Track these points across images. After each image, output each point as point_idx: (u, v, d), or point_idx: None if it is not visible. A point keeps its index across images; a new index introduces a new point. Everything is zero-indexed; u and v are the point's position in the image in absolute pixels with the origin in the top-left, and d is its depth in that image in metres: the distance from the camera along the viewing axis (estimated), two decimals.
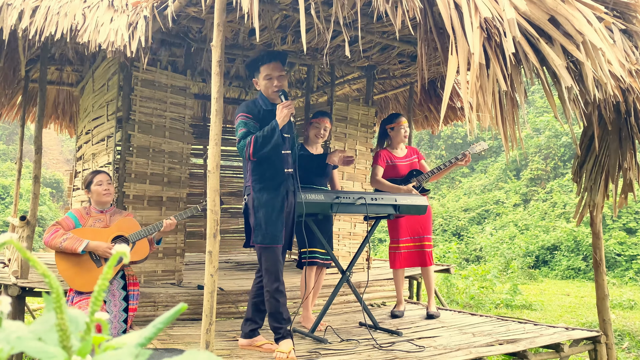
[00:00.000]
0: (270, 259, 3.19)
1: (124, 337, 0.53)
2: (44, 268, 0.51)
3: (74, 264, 3.08)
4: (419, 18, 2.58)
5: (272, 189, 3.20)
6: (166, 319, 0.54)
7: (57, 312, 0.50)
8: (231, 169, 7.87)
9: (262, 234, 3.17)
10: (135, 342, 0.52)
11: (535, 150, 17.41)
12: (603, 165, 3.85)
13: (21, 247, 0.51)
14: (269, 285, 3.18)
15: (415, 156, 4.56)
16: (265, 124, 3.15)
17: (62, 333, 0.50)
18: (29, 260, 0.51)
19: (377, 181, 4.40)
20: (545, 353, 3.80)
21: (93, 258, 3.11)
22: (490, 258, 12.82)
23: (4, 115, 6.63)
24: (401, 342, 3.53)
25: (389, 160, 4.48)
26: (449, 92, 2.33)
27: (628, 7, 2.89)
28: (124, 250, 0.53)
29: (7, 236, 0.51)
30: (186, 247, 5.07)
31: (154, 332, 0.53)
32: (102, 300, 0.54)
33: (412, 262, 4.43)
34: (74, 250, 3.00)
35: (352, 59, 5.19)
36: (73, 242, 3.01)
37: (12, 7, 3.65)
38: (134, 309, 3.24)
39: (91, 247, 3.04)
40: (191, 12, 3.79)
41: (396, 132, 4.48)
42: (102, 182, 3.27)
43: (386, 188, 4.29)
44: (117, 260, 0.53)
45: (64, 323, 0.50)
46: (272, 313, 3.19)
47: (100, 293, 0.53)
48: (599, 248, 4.21)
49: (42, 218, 15.75)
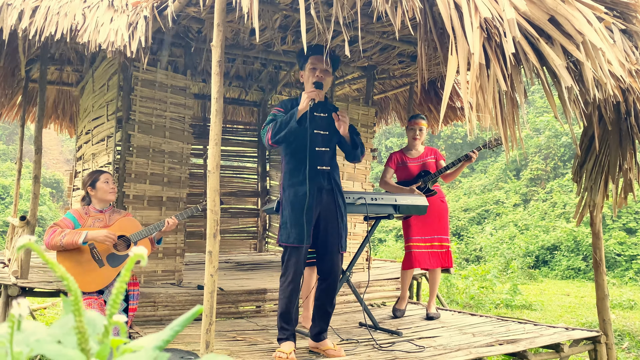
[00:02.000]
0: (292, 258, 3.13)
1: (142, 340, 0.53)
2: (62, 270, 0.51)
3: (76, 264, 3.08)
4: (418, 18, 2.58)
5: (299, 185, 3.12)
6: (183, 322, 0.54)
7: (75, 315, 0.50)
8: (231, 169, 7.87)
9: (286, 232, 3.13)
10: (153, 344, 0.52)
11: (535, 150, 17.40)
12: (603, 165, 3.85)
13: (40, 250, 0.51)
14: (287, 285, 3.13)
15: (432, 156, 4.53)
16: None
17: (81, 336, 0.50)
18: (48, 263, 0.51)
19: (383, 182, 4.51)
20: (545, 353, 3.80)
21: (95, 258, 3.11)
22: (490, 258, 12.82)
23: (4, 115, 6.63)
24: (401, 342, 3.53)
25: (400, 162, 4.52)
26: (448, 92, 2.33)
27: (628, 7, 2.89)
28: (142, 253, 0.53)
29: (26, 239, 0.51)
30: (186, 247, 5.07)
31: (171, 335, 0.53)
32: (119, 302, 0.53)
33: (427, 263, 4.38)
34: (75, 244, 3.00)
35: (352, 59, 5.20)
36: (72, 236, 3.01)
37: (12, 7, 3.65)
38: (133, 309, 3.24)
39: (90, 236, 3.04)
40: (191, 12, 3.79)
41: (408, 132, 4.58)
42: (109, 180, 3.30)
43: (391, 189, 4.38)
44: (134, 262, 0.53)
45: (83, 326, 0.50)
46: (282, 313, 3.16)
47: (118, 296, 0.53)
48: (599, 248, 4.21)
49: (42, 218, 15.75)
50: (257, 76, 6.92)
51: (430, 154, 4.55)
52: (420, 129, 4.52)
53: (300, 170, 3.14)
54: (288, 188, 3.18)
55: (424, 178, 4.41)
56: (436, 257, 4.37)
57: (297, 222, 3.11)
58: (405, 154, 4.56)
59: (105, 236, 3.05)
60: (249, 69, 6.72)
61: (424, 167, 4.47)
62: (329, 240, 3.22)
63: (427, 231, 4.37)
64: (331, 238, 3.22)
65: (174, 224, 3.26)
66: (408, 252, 4.41)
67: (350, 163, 5.51)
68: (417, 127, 4.50)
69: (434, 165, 4.48)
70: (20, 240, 0.51)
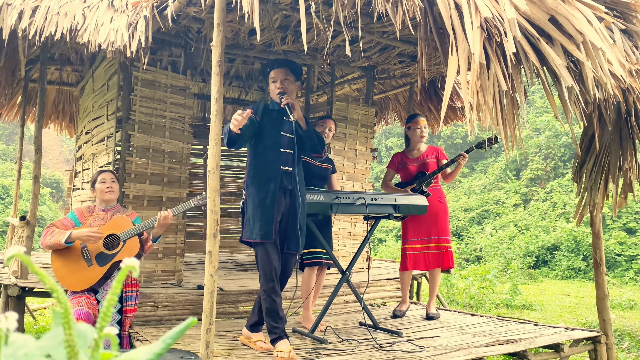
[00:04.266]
0: (260, 255, 3.21)
1: (133, 353, 0.52)
2: (52, 282, 0.50)
3: (67, 262, 3.09)
4: (419, 18, 2.58)
5: (262, 183, 3.24)
6: (176, 334, 0.53)
7: (65, 328, 0.49)
8: (231, 169, 7.87)
9: (250, 228, 3.22)
10: (144, 357, 0.51)
11: (535, 150, 17.40)
12: (603, 165, 3.85)
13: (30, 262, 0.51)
14: (265, 284, 3.20)
15: (434, 156, 4.49)
16: (265, 120, 3.33)
17: (70, 350, 0.49)
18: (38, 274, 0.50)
19: (383, 184, 4.59)
20: (545, 353, 3.80)
21: (84, 257, 3.11)
22: (490, 258, 12.82)
23: (4, 115, 6.63)
24: (401, 342, 3.53)
25: (400, 162, 4.53)
26: (449, 92, 2.33)
27: (628, 7, 2.89)
28: (134, 264, 0.52)
29: (15, 249, 0.50)
30: (186, 247, 5.07)
31: (163, 348, 0.52)
32: (110, 316, 0.53)
33: (423, 265, 4.37)
34: (59, 244, 3.00)
35: (352, 59, 5.19)
36: (58, 236, 3.02)
37: (12, 7, 3.64)
38: (133, 309, 3.24)
39: (74, 236, 3.03)
40: (191, 12, 3.79)
41: (412, 133, 4.51)
42: (106, 180, 3.28)
43: (388, 191, 4.44)
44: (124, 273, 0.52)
45: (72, 339, 0.49)
46: (268, 312, 3.21)
47: (109, 309, 0.52)
48: (599, 248, 4.21)
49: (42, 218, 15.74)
50: (257, 76, 6.92)
51: (432, 153, 4.50)
52: (424, 126, 4.51)
53: (263, 169, 3.26)
54: (251, 186, 3.28)
55: (419, 179, 4.41)
56: (433, 258, 4.36)
57: (259, 219, 3.19)
58: (406, 154, 4.55)
59: (88, 235, 3.02)
60: (249, 69, 6.72)
61: (423, 167, 4.45)
62: (290, 242, 3.33)
63: (423, 232, 4.35)
64: (291, 239, 3.33)
65: (167, 216, 3.17)
66: (403, 254, 4.43)
67: (348, 163, 5.54)
68: (421, 124, 4.47)
69: (435, 165, 4.44)
70: (9, 251, 0.51)
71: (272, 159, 3.26)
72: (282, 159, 3.29)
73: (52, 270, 3.15)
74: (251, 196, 3.26)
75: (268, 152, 3.27)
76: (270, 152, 3.27)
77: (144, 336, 3.55)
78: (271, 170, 3.25)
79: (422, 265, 4.37)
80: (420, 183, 4.37)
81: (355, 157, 5.64)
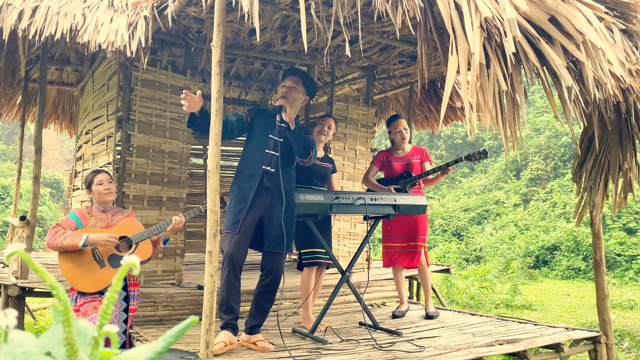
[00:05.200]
0: (224, 244, 3.31)
1: (133, 351, 0.52)
2: (52, 280, 0.50)
3: (77, 264, 3.06)
4: (419, 18, 2.58)
5: (244, 181, 3.39)
6: (177, 333, 0.53)
7: (64, 326, 0.49)
8: (231, 169, 7.86)
9: (225, 220, 3.37)
10: (145, 356, 0.51)
11: (535, 150, 17.41)
12: (603, 165, 3.85)
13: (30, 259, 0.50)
14: (221, 273, 3.28)
15: (418, 157, 4.55)
16: (257, 122, 3.50)
17: (70, 348, 0.48)
18: (38, 271, 0.50)
19: (365, 179, 4.65)
20: (545, 353, 3.80)
21: (96, 259, 3.10)
22: (490, 258, 12.82)
23: (4, 115, 6.63)
24: (401, 342, 3.53)
25: (386, 160, 4.60)
26: (449, 92, 2.33)
27: (628, 7, 2.89)
28: (134, 262, 0.52)
29: (15, 247, 0.50)
30: (186, 247, 5.07)
31: (164, 347, 0.52)
32: (110, 313, 0.53)
33: (403, 262, 4.48)
34: (75, 246, 2.98)
35: (352, 59, 5.19)
36: (73, 239, 2.99)
37: (12, 7, 3.64)
38: (133, 309, 3.24)
39: (91, 240, 3.01)
40: (191, 12, 3.79)
41: (394, 136, 4.60)
42: (103, 181, 3.25)
43: (370, 186, 4.54)
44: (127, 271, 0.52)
45: (72, 337, 0.48)
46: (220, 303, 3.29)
47: (109, 306, 0.52)
48: (599, 248, 4.21)
49: (42, 218, 15.75)
50: (257, 76, 6.92)
51: (417, 154, 4.57)
52: (404, 128, 4.57)
53: (247, 168, 3.43)
54: (234, 183, 3.46)
55: (404, 179, 4.46)
56: (412, 257, 4.42)
57: (232, 211, 3.35)
58: (391, 153, 4.62)
59: (106, 240, 3.03)
60: (249, 69, 6.72)
61: (408, 167, 4.52)
62: (269, 240, 3.38)
63: (405, 232, 4.43)
64: (271, 238, 3.38)
65: (181, 221, 3.25)
66: (385, 252, 4.58)
67: (348, 163, 5.55)
68: (401, 127, 4.56)
69: (419, 166, 4.53)
70: (9, 248, 0.50)
71: (256, 159, 3.42)
72: (265, 159, 3.41)
73: (59, 271, 3.13)
74: (234, 192, 3.42)
75: (254, 152, 3.44)
76: (256, 152, 3.43)
77: (144, 336, 3.55)
78: (254, 168, 3.40)
79: (402, 263, 4.48)
80: (405, 183, 4.44)
81: (355, 157, 5.64)
